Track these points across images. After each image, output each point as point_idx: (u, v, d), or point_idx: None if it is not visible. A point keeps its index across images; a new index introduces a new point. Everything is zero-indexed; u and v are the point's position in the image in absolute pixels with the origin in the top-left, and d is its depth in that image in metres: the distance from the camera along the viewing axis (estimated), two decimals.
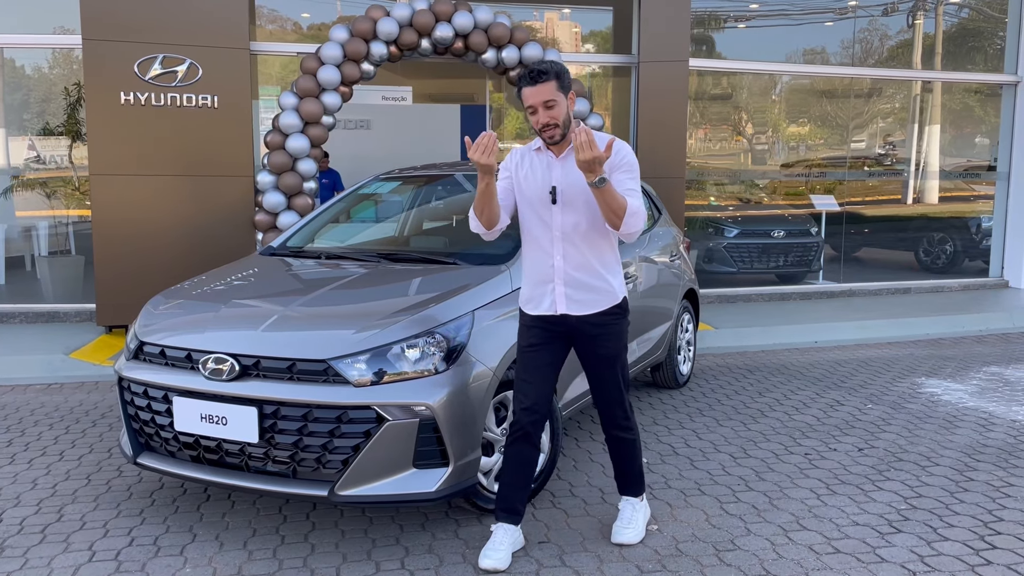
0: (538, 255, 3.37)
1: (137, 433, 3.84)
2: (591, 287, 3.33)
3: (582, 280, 3.32)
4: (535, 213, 3.35)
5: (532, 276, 3.41)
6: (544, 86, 3.15)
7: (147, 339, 3.80)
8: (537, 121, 3.20)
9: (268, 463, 3.48)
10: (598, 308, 3.35)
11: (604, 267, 3.36)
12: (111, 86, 7.11)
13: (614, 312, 3.39)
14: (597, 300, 3.35)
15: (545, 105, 3.17)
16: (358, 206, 5.56)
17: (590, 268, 3.33)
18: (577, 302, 3.34)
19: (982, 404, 5.72)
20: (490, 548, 3.37)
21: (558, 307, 3.35)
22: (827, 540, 3.60)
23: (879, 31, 10.95)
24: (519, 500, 3.46)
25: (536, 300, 3.40)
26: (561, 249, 3.31)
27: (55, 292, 8.33)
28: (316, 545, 3.57)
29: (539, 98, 3.16)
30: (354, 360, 3.40)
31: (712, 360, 7.07)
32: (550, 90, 3.16)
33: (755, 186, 11.09)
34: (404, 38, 7.33)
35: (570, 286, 3.32)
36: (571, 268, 3.32)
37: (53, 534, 3.68)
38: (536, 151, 3.38)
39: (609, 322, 3.37)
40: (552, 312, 3.36)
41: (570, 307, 3.34)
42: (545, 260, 3.35)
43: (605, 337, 3.38)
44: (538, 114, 3.18)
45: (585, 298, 3.34)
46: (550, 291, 3.35)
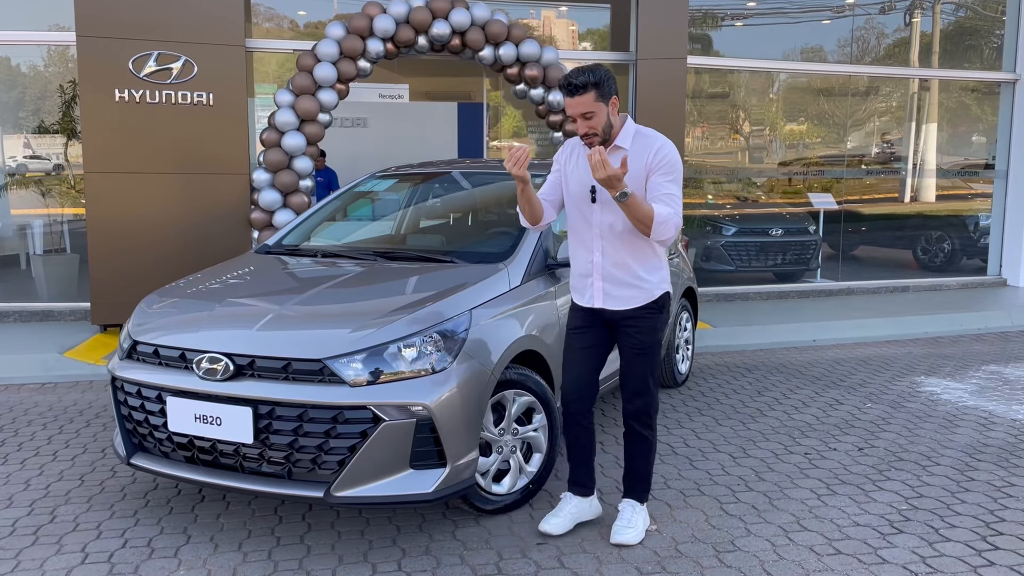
0: (580, 249, 3.52)
1: (131, 433, 3.79)
2: (628, 284, 3.43)
3: (619, 277, 3.43)
4: (577, 208, 3.48)
5: (576, 268, 3.57)
6: (582, 98, 3.25)
7: (141, 338, 3.76)
8: (577, 129, 3.33)
9: (263, 464, 3.43)
10: (633, 304, 3.46)
11: (642, 265, 3.44)
12: (106, 83, 7.06)
13: (650, 307, 3.47)
14: (633, 296, 3.44)
15: (583, 116, 3.28)
16: (354, 204, 5.52)
17: (627, 266, 3.42)
18: (614, 297, 3.46)
19: (982, 403, 5.69)
20: (552, 513, 3.64)
21: (595, 301, 3.50)
22: (828, 541, 3.56)
23: (877, 29, 10.93)
24: (583, 474, 3.66)
25: (579, 291, 3.57)
26: (600, 246, 3.43)
27: (49, 291, 8.28)
28: (312, 547, 3.53)
29: (577, 109, 3.28)
30: (350, 359, 3.36)
31: (710, 359, 7.04)
32: (588, 101, 3.26)
33: (753, 184, 11.05)
34: (401, 35, 7.29)
35: (608, 281, 3.44)
36: (609, 265, 3.43)
37: (46, 536, 3.64)
38: (583, 147, 3.48)
39: (643, 316, 3.46)
40: (590, 305, 3.52)
41: (607, 302, 3.47)
42: (586, 255, 3.49)
43: (638, 330, 3.48)
44: (577, 123, 3.31)
45: (622, 294, 3.45)
46: (590, 284, 3.50)
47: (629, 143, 3.39)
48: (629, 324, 3.47)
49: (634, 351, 3.49)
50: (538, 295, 4.14)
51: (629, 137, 3.40)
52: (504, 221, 5.04)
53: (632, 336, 3.48)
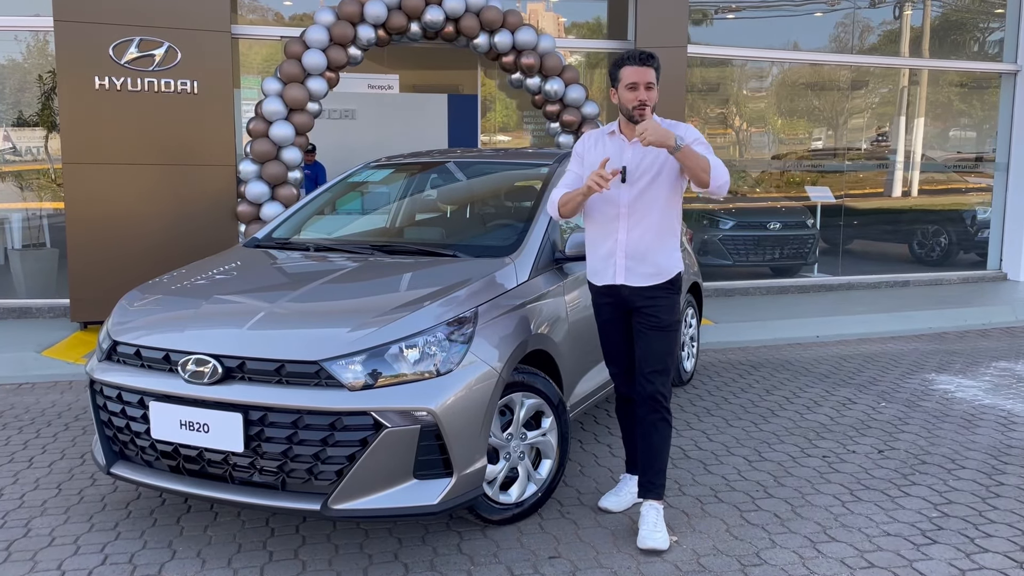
0: (603, 231, 3.53)
1: (111, 441, 3.52)
2: (648, 260, 3.47)
3: (641, 253, 3.46)
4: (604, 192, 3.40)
5: (597, 254, 3.58)
6: (650, 69, 3.38)
7: (121, 338, 3.49)
8: (636, 97, 3.36)
9: (254, 474, 3.18)
10: (652, 281, 3.48)
11: (662, 243, 3.48)
12: (85, 70, 6.78)
13: (665, 286, 3.50)
14: (652, 274, 3.48)
15: (647, 86, 3.37)
16: (348, 195, 5.26)
17: (650, 243, 3.46)
18: (635, 273, 3.48)
19: (999, 402, 5.50)
20: (611, 492, 3.80)
21: (617, 277, 3.50)
22: (859, 553, 3.35)
23: (875, 20, 10.75)
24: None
25: (599, 271, 3.57)
26: (626, 224, 3.47)
27: (27, 286, 7.97)
28: (307, 562, 3.28)
29: (645, 78, 3.37)
30: (348, 361, 3.11)
31: (713, 356, 6.83)
32: (652, 75, 3.38)
33: (750, 178, 10.86)
34: (393, 21, 7.03)
35: (631, 258, 3.47)
36: (633, 241, 3.46)
37: (19, 551, 3.37)
38: (610, 135, 3.55)
39: (660, 294, 3.49)
40: (611, 281, 3.52)
41: (628, 278, 3.48)
42: (610, 235, 3.50)
43: (656, 308, 3.49)
44: (639, 91, 3.36)
45: (643, 271, 3.47)
46: (612, 264, 3.51)
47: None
48: (647, 303, 3.49)
49: (653, 329, 3.49)
50: (546, 291, 3.91)
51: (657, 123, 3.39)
52: (507, 213, 4.81)
53: (650, 316, 3.49)
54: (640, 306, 3.50)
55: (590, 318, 3.80)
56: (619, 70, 3.42)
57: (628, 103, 3.39)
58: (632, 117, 3.38)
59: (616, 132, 3.52)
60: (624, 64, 3.41)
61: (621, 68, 3.42)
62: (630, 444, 3.80)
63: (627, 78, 3.38)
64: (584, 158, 3.58)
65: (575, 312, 4.08)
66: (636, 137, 3.29)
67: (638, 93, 3.36)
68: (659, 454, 3.50)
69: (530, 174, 4.94)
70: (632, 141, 3.43)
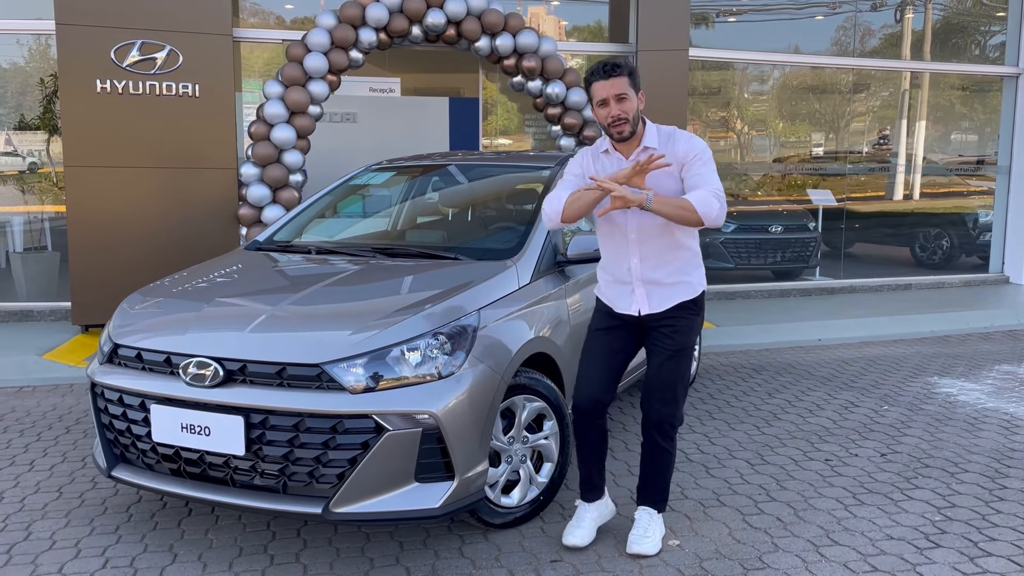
0: (615, 256, 3.34)
1: (112, 444, 3.52)
2: (668, 284, 3.29)
3: (660, 279, 3.27)
4: (608, 216, 3.26)
5: (610, 274, 3.39)
6: (618, 80, 3.13)
7: (122, 341, 3.48)
8: (608, 114, 3.15)
9: (256, 477, 3.17)
10: (675, 301, 3.30)
11: (682, 263, 3.31)
12: (86, 73, 6.77)
13: (688, 307, 3.31)
14: (675, 294, 3.30)
15: (617, 98, 3.14)
16: (350, 198, 5.25)
17: (667, 265, 3.27)
18: (656, 299, 3.30)
19: (1002, 405, 5.49)
20: (573, 525, 3.43)
21: (640, 308, 3.31)
22: (862, 556, 3.34)
23: (876, 23, 10.74)
24: (596, 476, 3.47)
25: (615, 300, 3.37)
26: (637, 251, 3.27)
27: (28, 290, 7.96)
28: (308, 566, 3.27)
29: (612, 91, 3.13)
30: (350, 364, 3.10)
31: (715, 359, 6.82)
32: (623, 84, 3.14)
33: (752, 181, 10.85)
34: (394, 25, 7.02)
35: (650, 286, 3.28)
36: (648, 269, 3.27)
37: (20, 555, 3.36)
38: (604, 153, 3.33)
39: (681, 316, 3.31)
40: (633, 313, 3.32)
41: (652, 306, 3.30)
42: (622, 262, 3.31)
43: (674, 330, 3.30)
44: (609, 106, 3.14)
45: (663, 294, 3.29)
46: (629, 292, 3.32)
47: (655, 142, 3.23)
48: (666, 324, 3.29)
49: (667, 353, 3.29)
50: (548, 294, 3.90)
51: (654, 137, 3.26)
52: (509, 215, 4.81)
53: (667, 337, 3.29)
54: (658, 327, 3.30)
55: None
56: (589, 88, 3.21)
57: (603, 121, 3.19)
58: (612, 136, 3.20)
59: (611, 150, 3.31)
60: (592, 81, 3.18)
61: (591, 86, 3.20)
62: (587, 464, 3.46)
63: (597, 95, 3.17)
64: (583, 177, 3.33)
65: (577, 315, 4.07)
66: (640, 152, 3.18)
67: (609, 109, 3.14)
68: (663, 474, 3.43)
69: (531, 177, 4.94)
70: (629, 158, 3.24)
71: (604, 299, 3.43)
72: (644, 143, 3.23)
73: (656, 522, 3.44)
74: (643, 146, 3.23)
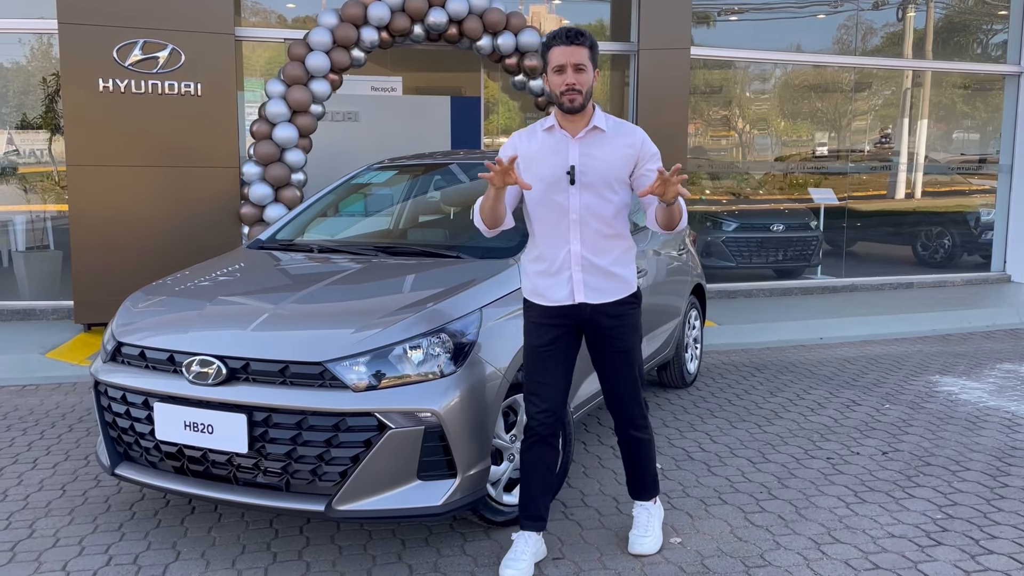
0: (551, 242, 3.14)
1: (115, 442, 3.53)
2: (609, 274, 3.14)
3: (600, 266, 3.13)
4: (547, 197, 3.11)
5: (543, 264, 3.17)
6: (580, 48, 3.01)
7: (125, 339, 3.49)
8: (563, 81, 3.00)
9: (259, 475, 3.18)
10: (616, 296, 3.16)
11: (621, 253, 3.19)
12: (89, 72, 6.78)
13: (630, 301, 3.21)
14: (615, 288, 3.16)
15: (576, 67, 3.00)
16: (351, 197, 5.26)
17: (607, 254, 3.14)
18: (595, 290, 3.13)
19: (1003, 404, 5.49)
20: (511, 558, 3.16)
21: (576, 295, 3.13)
22: (863, 554, 3.34)
23: (878, 22, 10.74)
24: (543, 506, 3.26)
25: (549, 290, 3.16)
26: (578, 234, 3.10)
27: (31, 289, 7.98)
28: (311, 563, 3.28)
29: (572, 58, 2.99)
30: (353, 362, 3.11)
31: (717, 358, 6.82)
32: (584, 55, 3.02)
33: (753, 180, 10.85)
34: (396, 24, 7.03)
35: (588, 272, 3.12)
36: (588, 253, 3.11)
37: (24, 552, 3.37)
38: (547, 130, 3.14)
39: (626, 312, 3.19)
40: (569, 301, 3.13)
41: (588, 295, 3.13)
42: (560, 247, 3.12)
43: (621, 328, 3.18)
44: (566, 74, 3.00)
45: (603, 286, 3.14)
46: (566, 279, 3.13)
47: (604, 125, 3.11)
48: (610, 323, 3.15)
49: (619, 354, 3.19)
50: None
51: (603, 120, 3.12)
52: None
53: (615, 338, 3.17)
54: (605, 327, 3.16)
55: None
56: (548, 51, 3.04)
57: (556, 88, 3.02)
58: (562, 104, 3.03)
59: (555, 127, 3.12)
60: (552, 44, 3.03)
61: (549, 49, 3.03)
62: (537, 489, 3.23)
63: (554, 59, 3.00)
64: (523, 157, 3.13)
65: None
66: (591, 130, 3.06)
67: (565, 76, 2.99)
68: (649, 463, 3.40)
69: None
70: (577, 137, 3.08)
71: (536, 297, 3.19)
72: (593, 123, 3.09)
73: (655, 516, 3.43)
74: (594, 125, 3.08)
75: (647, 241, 5.22)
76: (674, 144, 8.16)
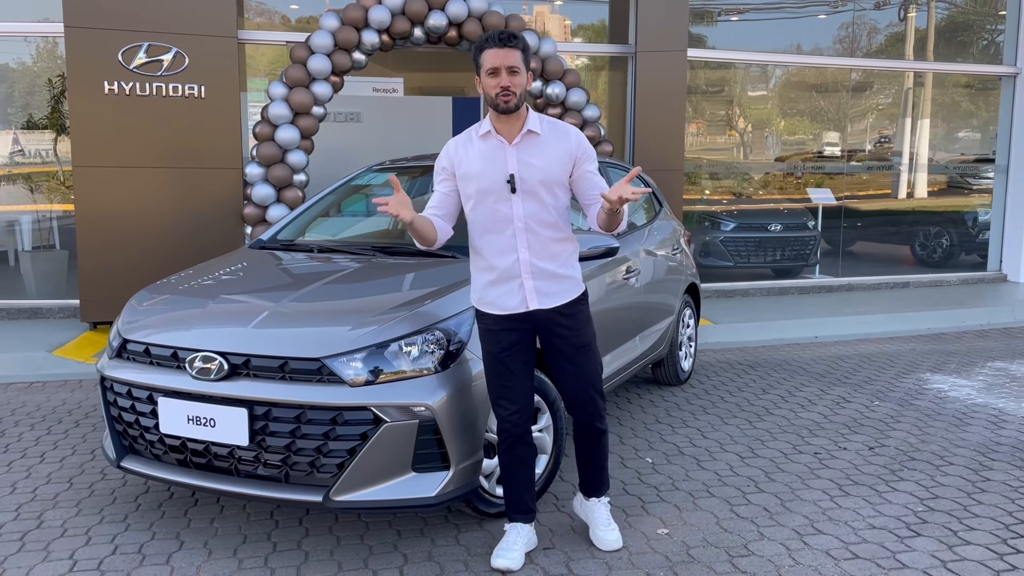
0: (498, 251, 3.18)
1: (121, 435, 3.65)
2: (559, 277, 3.21)
3: (550, 271, 3.18)
4: (489, 206, 3.16)
5: (491, 274, 3.22)
6: (513, 51, 3.05)
7: (131, 336, 3.61)
8: (498, 84, 3.03)
9: (259, 467, 3.30)
10: (567, 298, 3.23)
11: (568, 255, 3.25)
12: (94, 75, 6.91)
13: (581, 300, 3.28)
14: (566, 290, 3.23)
15: (509, 70, 3.04)
16: (351, 198, 5.38)
17: (555, 258, 3.20)
18: (547, 295, 3.19)
19: (991, 400, 5.59)
20: (503, 548, 3.28)
21: (529, 303, 3.18)
22: (844, 545, 3.45)
23: (874, 23, 10.82)
24: (530, 498, 3.37)
25: (501, 299, 3.21)
26: (525, 241, 3.15)
27: (38, 288, 8.11)
28: (310, 552, 3.40)
29: (505, 61, 3.03)
30: (349, 358, 3.23)
31: (712, 356, 6.93)
32: (516, 57, 3.06)
33: (751, 180, 10.95)
34: (396, 26, 7.14)
35: (538, 279, 3.17)
36: (537, 259, 3.16)
37: (32, 542, 3.49)
38: (483, 136, 3.18)
39: (578, 310, 3.26)
40: (522, 309, 3.19)
41: (541, 301, 3.19)
42: (507, 255, 3.17)
43: (576, 326, 3.25)
44: (500, 76, 3.03)
45: (554, 289, 3.20)
46: (517, 287, 3.18)
47: (539, 128, 3.16)
48: (563, 323, 3.21)
49: (577, 350, 3.24)
50: None
51: (537, 123, 3.16)
52: None
53: (572, 336, 3.23)
54: (560, 326, 3.21)
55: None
56: (480, 54, 3.07)
57: (490, 90, 3.04)
58: (497, 106, 3.05)
59: (491, 132, 3.15)
60: (484, 47, 3.06)
61: (482, 52, 3.06)
62: (521, 484, 3.33)
63: (487, 62, 3.04)
64: (456, 170, 3.21)
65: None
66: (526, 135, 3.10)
67: (499, 79, 3.02)
68: (605, 457, 3.45)
69: None
70: (514, 143, 3.11)
71: (486, 306, 3.24)
72: (528, 127, 3.13)
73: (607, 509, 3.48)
74: (528, 129, 3.12)
75: (640, 241, 5.34)
76: (671, 143, 8.28)
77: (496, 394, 3.26)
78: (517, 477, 3.33)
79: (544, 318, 3.21)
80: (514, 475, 3.33)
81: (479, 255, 3.26)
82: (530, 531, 3.37)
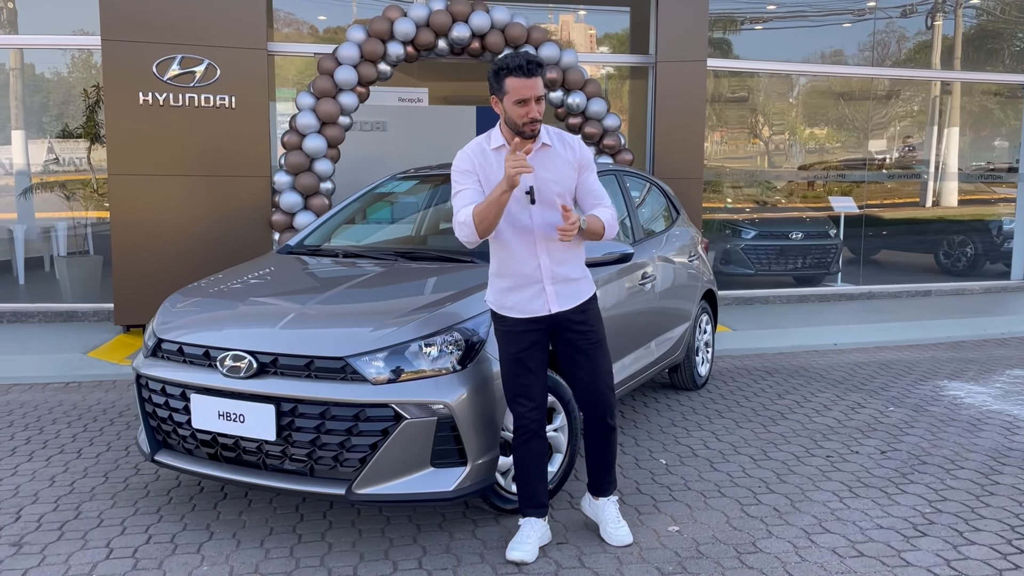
0: (518, 258, 3.33)
1: (154, 431, 3.83)
2: (574, 280, 3.39)
3: (566, 275, 3.36)
4: (510, 215, 3.27)
5: (512, 280, 3.36)
6: (538, 80, 3.14)
7: (165, 336, 3.79)
8: (527, 113, 3.14)
9: (285, 461, 3.46)
10: (583, 299, 3.41)
11: (580, 258, 3.45)
12: (130, 86, 7.14)
13: (593, 299, 3.47)
14: (581, 291, 3.41)
15: (537, 99, 3.15)
16: (375, 205, 5.54)
17: (571, 262, 3.39)
18: (566, 297, 3.37)
19: (1006, 407, 5.64)
20: (518, 541, 3.41)
21: (551, 306, 3.35)
22: (851, 543, 3.54)
23: (898, 32, 10.87)
24: (543, 492, 3.49)
25: (522, 304, 3.36)
26: (545, 248, 3.32)
27: (73, 292, 8.37)
28: (333, 544, 3.55)
29: (535, 91, 3.13)
30: (372, 358, 3.38)
31: (730, 362, 7.01)
32: (540, 85, 3.15)
33: (773, 188, 11.01)
34: (421, 38, 7.33)
35: (558, 283, 3.35)
36: (556, 265, 3.34)
37: (71, 531, 3.67)
38: (496, 149, 3.31)
39: (591, 308, 3.44)
40: (544, 312, 3.35)
41: (561, 303, 3.36)
42: (528, 262, 3.33)
43: (591, 323, 3.42)
44: (529, 106, 3.13)
45: (571, 292, 3.38)
46: (539, 292, 3.34)
47: (549, 140, 3.31)
48: (578, 321, 3.38)
49: (592, 345, 3.41)
50: None
51: (546, 135, 3.31)
52: None
53: (585, 333, 3.40)
54: (576, 323, 3.37)
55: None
56: (502, 81, 3.14)
57: (519, 119, 3.14)
58: (523, 133, 3.15)
59: (505, 146, 3.26)
60: (510, 75, 3.11)
61: (505, 79, 3.13)
62: (534, 479, 3.45)
63: (516, 92, 3.11)
64: (482, 174, 3.29)
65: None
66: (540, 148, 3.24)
67: (529, 109, 3.12)
68: (613, 458, 3.59)
69: None
70: (529, 156, 3.17)
71: (506, 310, 3.37)
72: (541, 140, 3.25)
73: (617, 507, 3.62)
74: (543, 143, 3.27)
75: (657, 247, 5.45)
76: (690, 152, 8.38)
77: (515, 392, 3.39)
78: (531, 472, 3.45)
79: (562, 318, 3.37)
80: (528, 470, 3.45)
81: (500, 262, 3.41)
82: (544, 526, 3.49)
